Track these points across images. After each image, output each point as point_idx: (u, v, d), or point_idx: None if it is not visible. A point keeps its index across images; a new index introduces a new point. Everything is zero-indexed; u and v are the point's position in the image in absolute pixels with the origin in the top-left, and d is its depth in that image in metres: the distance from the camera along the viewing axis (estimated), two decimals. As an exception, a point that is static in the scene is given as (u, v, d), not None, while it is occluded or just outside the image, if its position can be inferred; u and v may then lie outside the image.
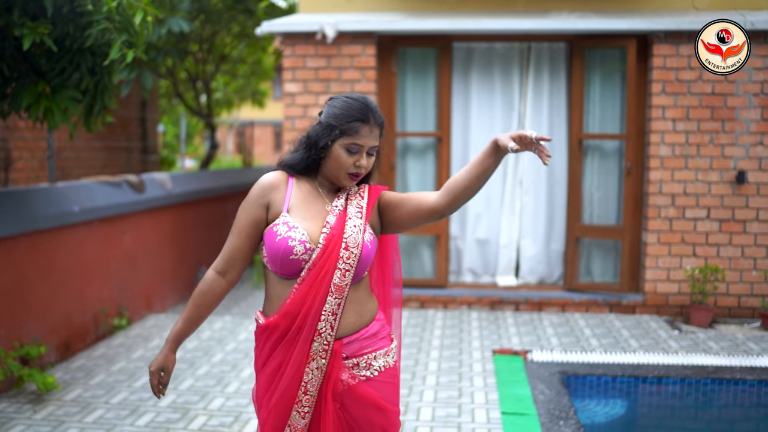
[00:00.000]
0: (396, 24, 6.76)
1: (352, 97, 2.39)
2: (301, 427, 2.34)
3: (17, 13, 4.07)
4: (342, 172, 2.36)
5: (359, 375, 2.38)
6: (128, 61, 4.27)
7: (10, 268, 5.13)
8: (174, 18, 8.05)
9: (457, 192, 2.33)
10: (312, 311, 2.29)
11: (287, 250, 2.28)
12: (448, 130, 7.08)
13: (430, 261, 7.28)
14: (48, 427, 4.30)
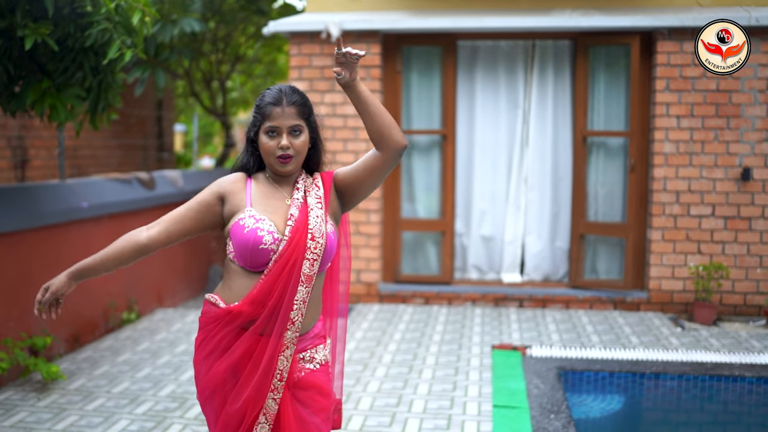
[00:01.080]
0: (400, 23, 6.83)
1: (270, 88, 2.49)
2: (274, 413, 2.41)
3: (20, 14, 4.21)
4: (271, 157, 2.43)
5: (305, 367, 2.48)
6: (126, 60, 4.39)
7: (17, 262, 5.28)
8: (186, 18, 8.19)
9: (372, 136, 2.43)
10: (284, 301, 2.36)
11: (257, 240, 2.36)
12: (453, 127, 7.13)
13: (435, 257, 7.34)
14: (50, 414, 4.43)
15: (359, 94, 2.41)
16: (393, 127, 2.42)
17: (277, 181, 2.50)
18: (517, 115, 7.18)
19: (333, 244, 2.45)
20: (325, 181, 2.53)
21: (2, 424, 4.30)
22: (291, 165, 2.44)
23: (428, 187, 7.33)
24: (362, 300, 7.22)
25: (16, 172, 7.69)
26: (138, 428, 4.23)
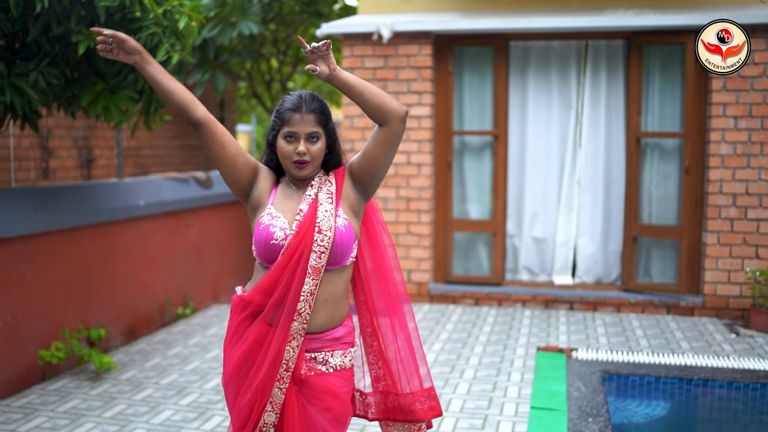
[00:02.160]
0: (452, 24, 6.84)
1: (291, 92, 2.54)
2: (281, 403, 2.47)
3: (74, 20, 4.41)
4: (287, 161, 2.50)
5: (315, 368, 2.52)
6: (173, 63, 4.54)
7: (76, 257, 5.52)
8: (245, 21, 8.38)
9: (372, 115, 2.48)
10: (291, 292, 2.43)
11: (268, 235, 2.45)
12: (504, 128, 7.11)
13: (487, 258, 7.33)
14: (100, 402, 4.63)
15: (344, 82, 2.45)
16: (387, 100, 2.46)
17: (295, 183, 2.58)
18: (569, 115, 7.11)
19: (344, 238, 2.48)
20: (338, 176, 2.58)
21: (56, 410, 4.52)
22: (307, 170, 2.50)
23: (480, 187, 7.33)
24: (412, 300, 7.26)
25: (82, 171, 8.02)
26: (181, 418, 4.38)
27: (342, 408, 2.56)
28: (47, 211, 5.23)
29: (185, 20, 4.56)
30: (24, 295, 5.02)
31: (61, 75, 4.74)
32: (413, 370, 2.66)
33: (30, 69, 4.54)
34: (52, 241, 5.28)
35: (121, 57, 2.46)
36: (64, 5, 4.34)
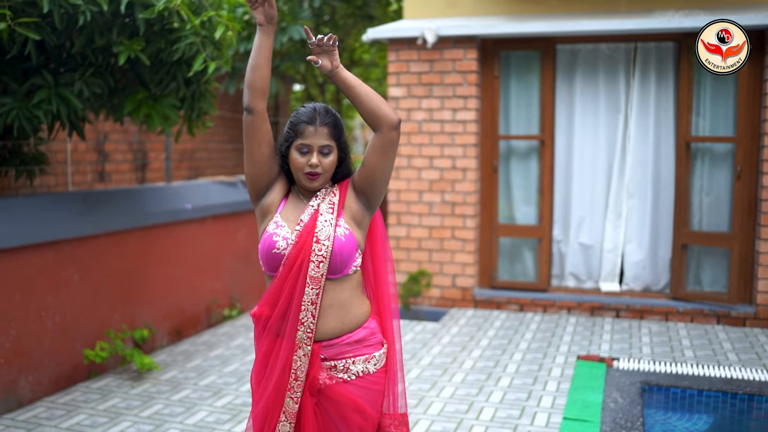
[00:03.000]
0: (497, 27, 6.79)
1: (305, 105, 2.57)
2: (294, 412, 2.49)
3: (116, 32, 4.56)
4: (299, 173, 2.52)
5: (336, 376, 2.51)
6: (210, 72, 4.65)
7: (124, 259, 5.70)
8: (295, 26, 8.50)
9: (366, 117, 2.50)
10: (293, 301, 2.46)
11: (270, 244, 2.49)
12: (551, 133, 7.03)
13: (532, 264, 7.26)
14: (139, 401, 4.77)
15: (345, 80, 2.48)
16: (383, 105, 2.48)
17: (303, 193, 2.61)
18: (617, 119, 6.97)
19: (343, 248, 2.49)
20: (342, 187, 2.61)
21: (97, 408, 4.68)
22: (318, 182, 2.54)
23: (526, 192, 7.26)
24: (457, 305, 7.24)
25: (137, 174, 8.25)
26: (214, 420, 4.48)
27: (365, 422, 2.54)
28: (95, 215, 5.41)
29: (222, 30, 4.66)
30: (72, 296, 5.21)
31: (104, 84, 4.91)
32: (395, 392, 2.65)
33: (75, 79, 4.71)
34: (99, 243, 5.46)
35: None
36: (105, 18, 4.49)
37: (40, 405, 4.76)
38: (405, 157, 7.26)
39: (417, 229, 7.30)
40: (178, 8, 4.47)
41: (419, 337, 6.31)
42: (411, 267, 7.31)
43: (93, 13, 4.36)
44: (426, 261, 7.29)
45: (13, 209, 4.87)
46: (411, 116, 7.20)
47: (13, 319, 4.78)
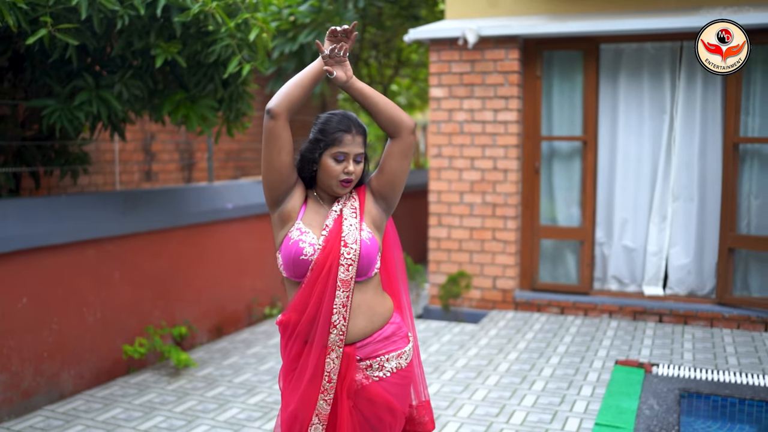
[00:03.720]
0: (539, 27, 6.72)
1: (334, 113, 2.58)
2: (326, 414, 2.52)
3: (153, 35, 4.66)
4: (334, 180, 2.54)
5: (372, 376, 2.56)
6: (245, 73, 4.71)
7: (165, 258, 5.82)
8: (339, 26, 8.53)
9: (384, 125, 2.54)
10: (323, 306, 2.48)
11: (298, 251, 2.50)
12: (594, 134, 6.92)
13: (574, 267, 7.16)
14: (174, 397, 4.87)
15: (361, 90, 2.52)
16: (399, 111, 2.55)
17: (323, 199, 2.63)
18: (663, 120, 6.82)
19: (369, 250, 2.53)
20: (360, 193, 2.65)
21: (133, 402, 4.79)
22: (349, 188, 2.58)
23: (568, 194, 7.16)
24: (497, 307, 7.19)
25: (184, 174, 8.41)
26: (245, 417, 4.54)
27: (395, 421, 2.61)
28: (136, 214, 5.53)
29: (256, 32, 4.72)
30: (113, 292, 5.34)
31: (144, 86, 5.02)
32: (424, 381, 2.75)
33: (115, 81, 4.83)
34: (141, 242, 5.58)
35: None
36: (143, 21, 4.59)
37: (80, 398, 4.89)
38: (446, 158, 7.23)
39: (458, 231, 7.27)
40: (213, 11, 4.55)
41: (456, 339, 6.28)
42: (452, 268, 7.29)
43: (131, 17, 4.46)
44: (467, 262, 7.25)
45: (56, 208, 5.02)
46: (452, 117, 7.18)
47: (56, 314, 4.92)
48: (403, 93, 12.98)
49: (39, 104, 4.76)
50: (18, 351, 4.66)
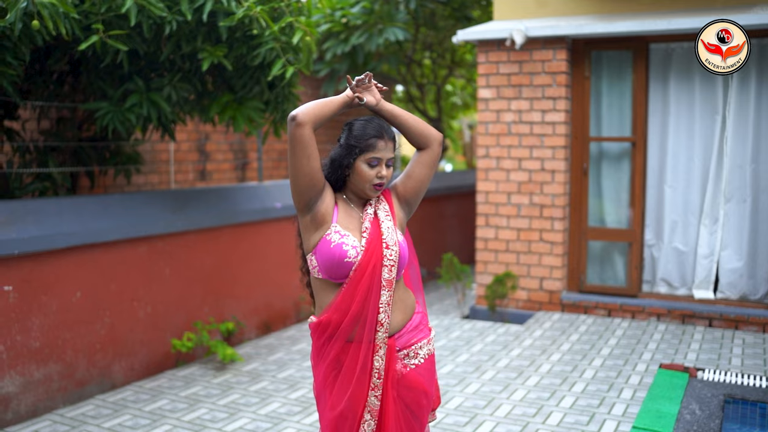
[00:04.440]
0: (588, 27, 6.67)
1: (366, 119, 2.66)
2: (377, 409, 2.61)
3: (200, 39, 4.81)
4: (367, 184, 2.62)
5: (409, 364, 2.68)
6: (288, 76, 4.83)
7: (214, 255, 5.99)
8: (391, 28, 8.63)
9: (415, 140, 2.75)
10: (370, 306, 2.57)
11: (342, 254, 2.56)
12: (642, 134, 6.84)
13: (622, 268, 7.08)
14: (218, 390, 5.02)
15: (391, 111, 2.69)
16: (426, 127, 2.74)
17: (354, 202, 2.71)
18: (714, 121, 6.69)
19: (405, 251, 2.66)
20: (387, 196, 2.75)
21: (179, 394, 4.96)
22: (380, 191, 2.68)
23: (617, 195, 7.09)
24: (543, 308, 7.16)
25: (237, 173, 8.61)
26: (286, 411, 4.66)
27: (428, 404, 2.76)
28: (187, 212, 5.72)
29: (300, 35, 4.83)
30: (163, 288, 5.53)
31: (192, 88, 5.18)
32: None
33: (164, 84, 5.01)
34: (191, 239, 5.77)
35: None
36: (191, 26, 4.75)
37: (130, 389, 5.09)
38: (494, 159, 7.24)
39: (505, 231, 7.27)
40: (258, 15, 4.68)
41: (500, 339, 6.30)
42: (499, 269, 7.30)
43: (178, 22, 4.63)
44: (513, 263, 7.25)
45: (109, 206, 5.23)
46: (500, 118, 7.18)
47: (108, 308, 5.13)
48: (458, 93, 12.98)
49: (93, 107, 4.97)
50: (72, 342, 4.88)
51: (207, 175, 8.17)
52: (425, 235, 9.79)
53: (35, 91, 5.35)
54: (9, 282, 4.51)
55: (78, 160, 5.66)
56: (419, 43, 10.39)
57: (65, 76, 5.60)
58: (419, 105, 11.33)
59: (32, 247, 4.59)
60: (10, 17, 3.88)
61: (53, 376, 4.76)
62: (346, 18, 8.95)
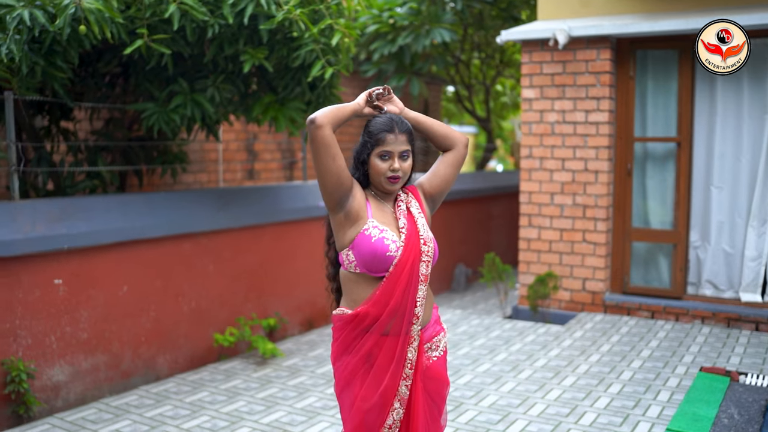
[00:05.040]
0: (632, 27, 6.61)
1: (379, 115, 2.74)
2: (406, 398, 2.70)
3: (242, 42, 4.95)
4: (381, 177, 2.69)
5: (432, 356, 2.79)
6: (327, 77, 4.93)
7: (257, 253, 6.14)
8: (437, 29, 8.68)
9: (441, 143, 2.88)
10: (409, 300, 2.66)
11: (383, 248, 2.63)
12: (688, 134, 6.75)
13: (667, 270, 7.00)
14: (257, 384, 5.16)
15: (415, 118, 2.81)
16: (451, 130, 2.89)
17: (381, 197, 2.79)
18: (763, 120, 6.56)
19: (437, 247, 2.76)
20: (416, 193, 2.84)
21: (219, 387, 5.11)
22: (398, 184, 2.73)
23: (662, 196, 7.01)
24: (586, 309, 7.13)
25: (285, 173, 8.77)
26: (321, 405, 4.76)
27: (447, 391, 2.88)
28: (231, 210, 5.87)
29: (338, 37, 4.92)
30: (207, 284, 5.69)
31: (235, 89, 5.33)
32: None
33: (208, 85, 5.16)
34: (234, 237, 5.92)
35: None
36: (233, 30, 4.89)
37: (173, 381, 5.26)
38: (537, 159, 7.24)
39: (548, 231, 7.26)
40: (297, 18, 4.79)
41: (540, 339, 6.29)
42: (541, 269, 7.28)
43: (221, 25, 4.77)
44: (556, 263, 7.23)
45: (155, 203, 5.41)
46: (543, 118, 7.17)
47: (153, 303, 5.31)
48: (508, 94, 12.96)
49: (139, 107, 5.16)
50: (118, 335, 5.07)
51: (255, 175, 8.35)
52: (472, 235, 9.81)
53: (88, 92, 5.57)
54: (59, 276, 4.72)
55: (127, 159, 5.86)
56: (467, 43, 10.41)
57: (117, 79, 5.81)
58: (467, 105, 11.34)
59: (81, 242, 4.79)
60: (59, 22, 4.07)
61: (100, 367, 4.96)
62: (394, 19, 9.04)
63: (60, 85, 4.59)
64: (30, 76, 4.43)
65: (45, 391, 4.65)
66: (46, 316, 4.66)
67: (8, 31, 4.15)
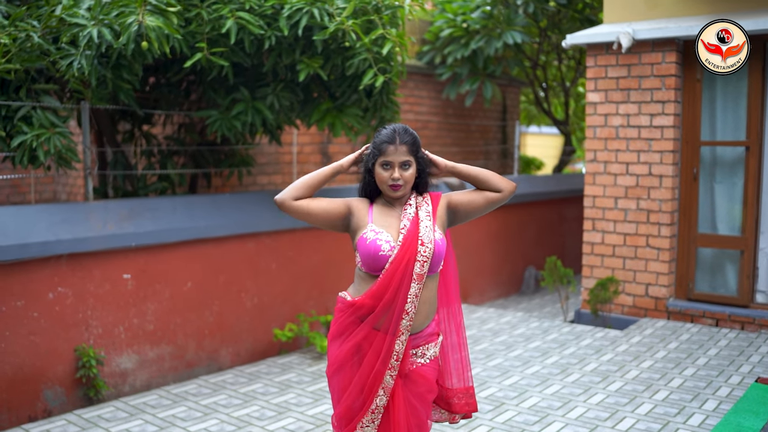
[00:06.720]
0: (699, 29, 6.50)
1: (386, 126, 2.94)
2: (390, 387, 2.90)
3: (298, 52, 5.22)
4: (384, 185, 2.91)
5: (417, 361, 2.95)
6: (378, 85, 5.13)
7: (319, 252, 6.40)
8: (509, 32, 8.75)
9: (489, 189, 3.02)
10: (401, 294, 2.86)
11: (376, 248, 2.87)
12: (758, 138, 6.59)
13: (734, 277, 6.85)
14: (309, 378, 5.42)
15: (460, 172, 3.03)
16: (501, 179, 3.03)
17: (391, 202, 3.00)
18: (836, 125, 6.35)
19: (441, 250, 2.91)
20: (434, 199, 3.02)
21: (273, 380, 5.40)
22: (400, 192, 2.92)
23: (729, 201, 6.86)
24: (648, 314, 7.06)
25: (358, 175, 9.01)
26: (366, 400, 4.97)
27: (432, 396, 3.03)
28: (292, 211, 6.15)
29: (389, 46, 5.12)
30: (269, 281, 6.00)
31: (294, 97, 5.60)
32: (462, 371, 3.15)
33: (268, 93, 5.46)
34: (297, 237, 6.20)
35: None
36: (289, 40, 5.16)
37: (232, 372, 5.59)
38: (601, 163, 7.22)
39: (611, 236, 7.23)
40: (349, 28, 5.01)
41: (595, 344, 6.30)
42: (604, 273, 7.26)
43: (277, 37, 5.04)
44: (619, 268, 7.19)
45: (220, 204, 5.76)
46: (608, 122, 7.15)
47: (217, 298, 5.65)
48: (589, 94, 12.81)
49: (203, 114, 5.51)
50: (183, 327, 5.43)
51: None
52: (544, 238, 9.82)
53: (162, 100, 5.97)
54: (127, 271, 5.11)
55: (197, 162, 6.24)
56: (545, 44, 10.41)
57: (191, 86, 6.20)
58: (545, 106, 11.32)
59: (148, 240, 5.17)
60: (123, 39, 4.44)
61: (165, 357, 5.33)
62: (467, 23, 9.16)
63: (126, 95, 4.97)
64: (101, 88, 4.83)
65: (113, 376, 5.05)
66: (115, 308, 5.06)
67: (80, 48, 4.55)
